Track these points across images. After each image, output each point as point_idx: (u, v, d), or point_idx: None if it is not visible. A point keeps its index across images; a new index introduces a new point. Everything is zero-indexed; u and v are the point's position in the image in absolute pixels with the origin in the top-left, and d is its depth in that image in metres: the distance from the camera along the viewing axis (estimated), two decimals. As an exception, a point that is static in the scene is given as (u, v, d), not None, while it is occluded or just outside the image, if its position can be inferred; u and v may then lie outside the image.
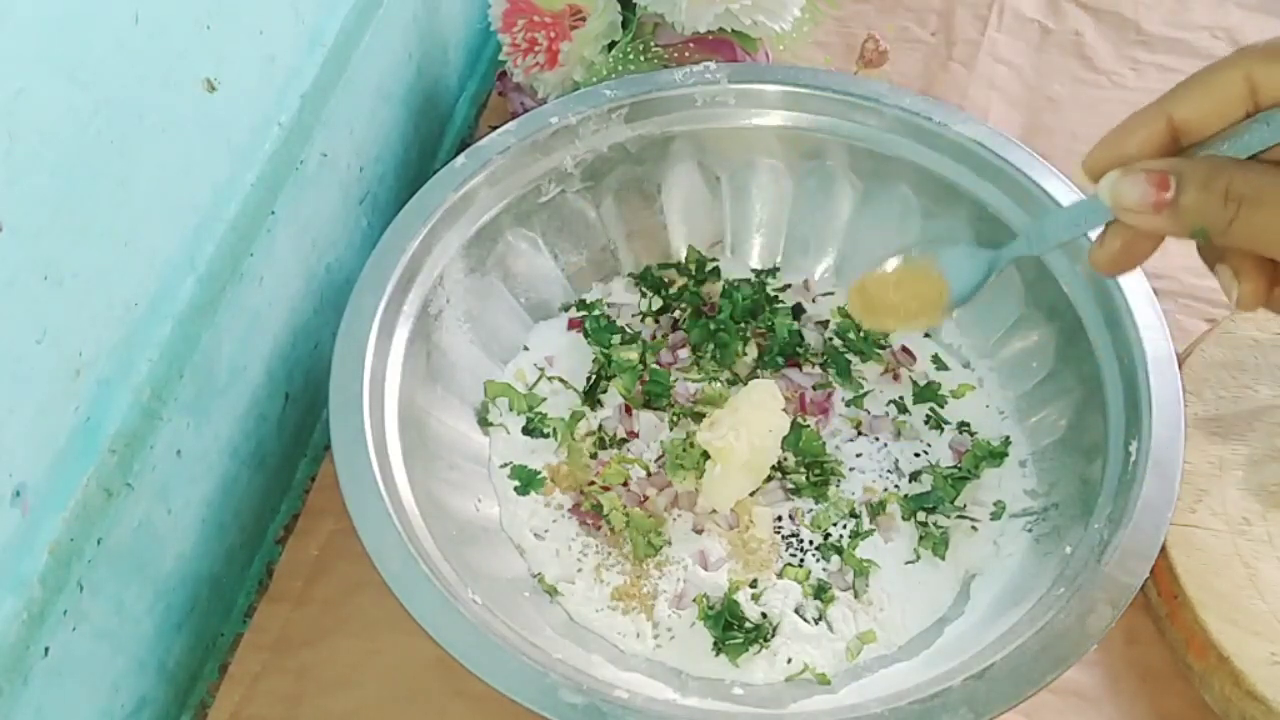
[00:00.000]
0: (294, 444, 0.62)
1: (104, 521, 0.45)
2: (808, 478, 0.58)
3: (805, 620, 0.53)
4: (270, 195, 0.55)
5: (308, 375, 0.62)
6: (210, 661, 0.56)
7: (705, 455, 0.56)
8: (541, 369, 0.62)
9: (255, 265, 0.54)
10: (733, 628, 0.52)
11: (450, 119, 0.79)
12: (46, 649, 0.43)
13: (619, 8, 0.68)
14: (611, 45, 0.68)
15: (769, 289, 0.66)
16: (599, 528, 0.56)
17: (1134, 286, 0.54)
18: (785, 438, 0.57)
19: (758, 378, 0.61)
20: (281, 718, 0.52)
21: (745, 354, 0.63)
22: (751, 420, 0.56)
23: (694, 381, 0.62)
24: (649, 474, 0.58)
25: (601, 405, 0.61)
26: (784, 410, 0.57)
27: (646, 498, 0.57)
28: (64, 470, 0.43)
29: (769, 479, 0.57)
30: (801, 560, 0.55)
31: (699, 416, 0.59)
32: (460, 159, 0.59)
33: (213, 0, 0.48)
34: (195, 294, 0.50)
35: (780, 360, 0.62)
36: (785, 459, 0.58)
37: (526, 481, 0.58)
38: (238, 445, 0.56)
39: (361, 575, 0.55)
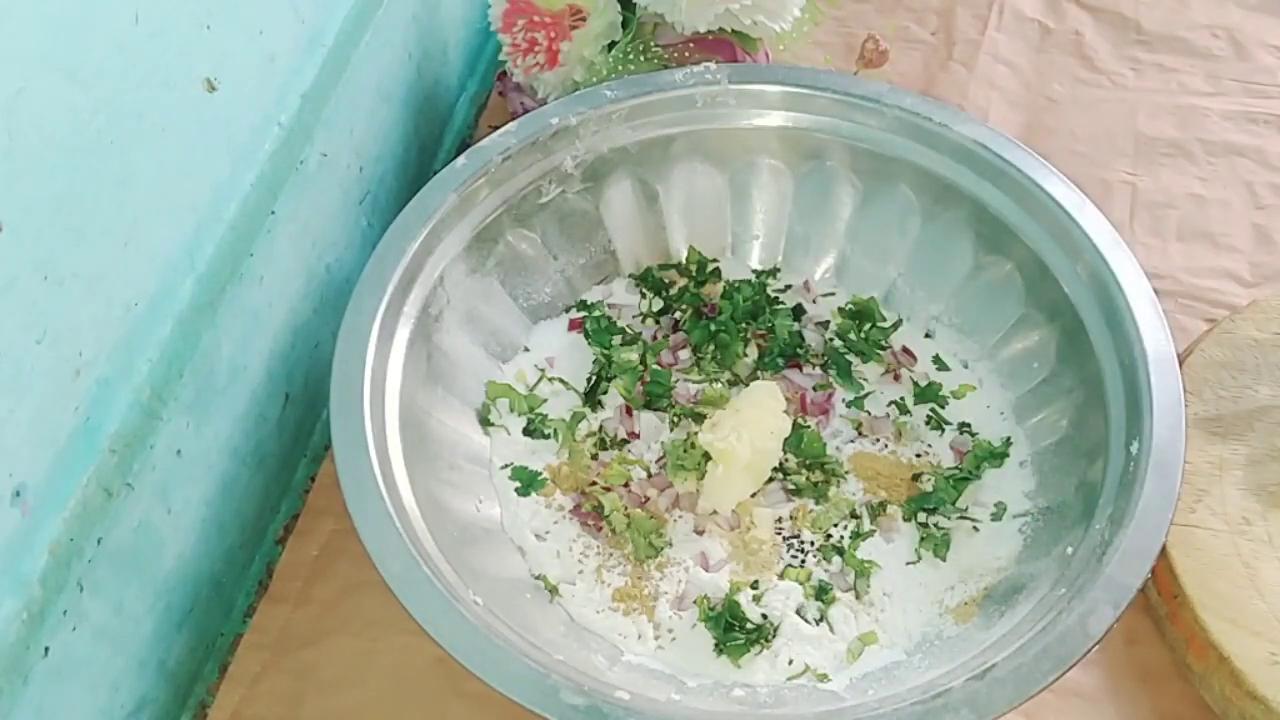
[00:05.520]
0: (294, 444, 0.62)
1: (104, 521, 0.45)
2: (809, 479, 0.58)
3: (806, 621, 0.53)
4: (270, 195, 0.55)
5: (308, 375, 0.62)
6: (210, 661, 0.56)
7: (706, 456, 0.56)
8: (542, 370, 0.62)
9: (255, 265, 0.54)
10: (734, 629, 0.52)
11: (450, 119, 0.79)
12: (46, 649, 0.43)
13: (619, 8, 0.68)
14: (611, 45, 0.68)
15: (769, 290, 0.66)
16: (600, 529, 0.56)
17: (1134, 286, 0.54)
18: (786, 439, 0.57)
19: (758, 379, 0.61)
20: (281, 718, 0.52)
21: (746, 355, 0.63)
22: (753, 421, 0.56)
23: (695, 383, 0.62)
24: (650, 475, 0.58)
25: (602, 406, 0.61)
26: (785, 412, 0.57)
27: (647, 499, 0.57)
28: (64, 470, 0.43)
29: (770, 480, 0.57)
30: (803, 561, 0.55)
31: (700, 417, 0.59)
32: (460, 160, 0.59)
33: (213, 0, 0.48)
34: (195, 294, 0.50)
35: (781, 361, 0.62)
36: (786, 460, 0.58)
37: (527, 483, 0.57)
38: (238, 445, 0.56)
39: (361, 575, 0.55)
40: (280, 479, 0.61)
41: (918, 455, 0.59)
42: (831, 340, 0.64)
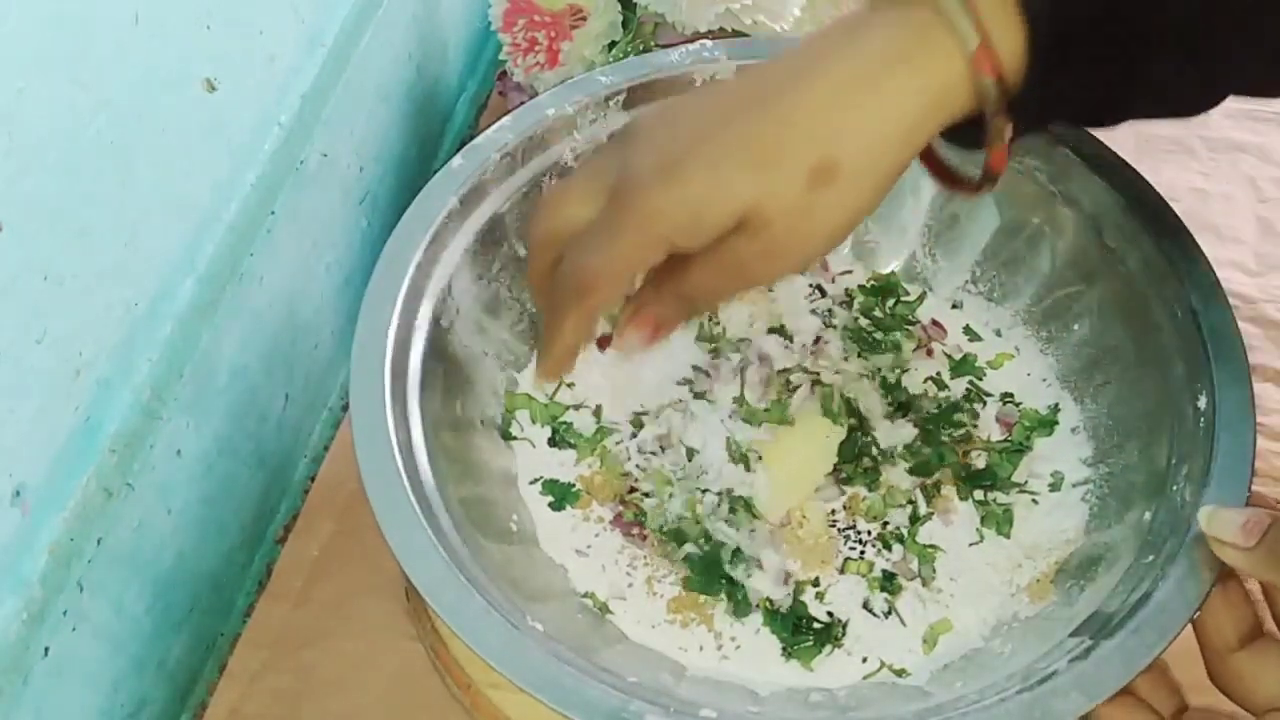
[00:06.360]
0: (294, 444, 0.62)
1: (104, 521, 0.45)
2: (857, 466, 0.56)
3: (874, 615, 0.51)
4: (270, 195, 0.55)
5: (308, 375, 0.62)
6: (210, 661, 0.56)
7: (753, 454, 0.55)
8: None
9: (255, 265, 0.54)
10: (801, 629, 0.50)
11: (450, 119, 0.79)
12: (46, 649, 0.43)
13: (619, 7, 0.68)
14: (612, 45, 0.68)
15: None
16: (645, 538, 0.53)
17: (1176, 233, 0.52)
18: (842, 443, 0.55)
19: None
20: (281, 718, 0.52)
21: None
22: (804, 422, 0.54)
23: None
24: None
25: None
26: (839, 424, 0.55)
27: None
28: (64, 470, 0.43)
29: None
30: (862, 552, 0.53)
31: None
32: (458, 159, 0.57)
33: (213, 0, 0.48)
34: (195, 294, 0.50)
35: None
36: None
37: (560, 496, 0.55)
38: (238, 445, 0.56)
39: (361, 576, 0.56)
40: (280, 479, 0.61)
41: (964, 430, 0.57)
42: (858, 318, 0.62)
